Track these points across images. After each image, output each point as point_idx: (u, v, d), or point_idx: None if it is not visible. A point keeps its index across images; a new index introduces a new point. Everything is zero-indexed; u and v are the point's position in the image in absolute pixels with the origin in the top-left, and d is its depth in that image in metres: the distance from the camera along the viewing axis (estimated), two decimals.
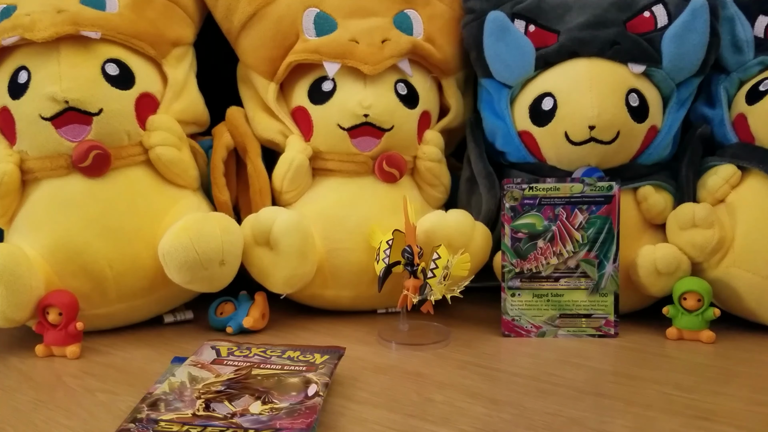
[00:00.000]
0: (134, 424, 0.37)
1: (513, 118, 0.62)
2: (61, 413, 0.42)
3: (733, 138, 0.60)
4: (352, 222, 0.60)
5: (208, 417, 0.38)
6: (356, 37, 0.61)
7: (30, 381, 0.48)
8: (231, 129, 0.64)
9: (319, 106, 0.61)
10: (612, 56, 0.58)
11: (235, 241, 0.55)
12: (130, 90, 0.56)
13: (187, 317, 0.61)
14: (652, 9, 0.59)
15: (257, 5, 0.61)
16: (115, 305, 0.56)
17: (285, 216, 0.56)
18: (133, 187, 0.56)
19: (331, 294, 0.61)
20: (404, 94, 0.61)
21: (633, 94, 0.57)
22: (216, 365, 0.46)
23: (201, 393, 0.41)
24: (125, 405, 0.42)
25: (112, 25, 0.55)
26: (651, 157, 0.60)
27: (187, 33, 0.62)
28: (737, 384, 0.47)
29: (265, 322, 0.59)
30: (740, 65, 0.61)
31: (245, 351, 0.48)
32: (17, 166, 0.54)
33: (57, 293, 0.53)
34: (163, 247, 0.53)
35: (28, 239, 0.54)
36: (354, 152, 0.60)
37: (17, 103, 0.54)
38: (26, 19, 0.53)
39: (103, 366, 0.50)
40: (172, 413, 0.38)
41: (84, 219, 0.54)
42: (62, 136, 0.53)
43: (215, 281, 0.55)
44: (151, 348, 0.54)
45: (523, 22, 0.62)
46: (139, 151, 0.56)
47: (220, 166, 0.62)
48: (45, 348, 0.52)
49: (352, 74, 0.60)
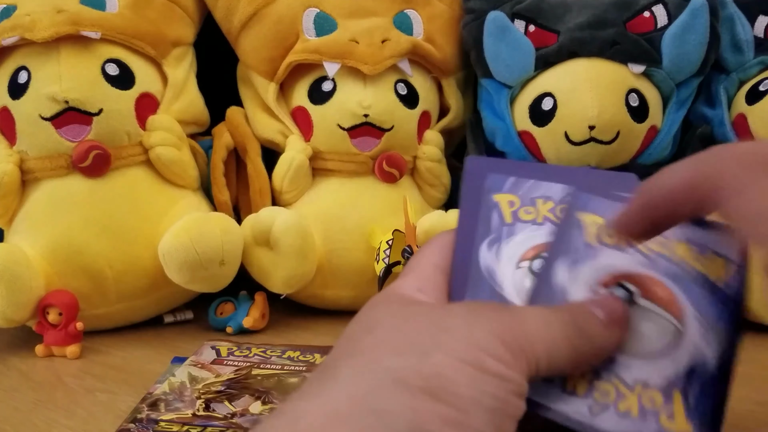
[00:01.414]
0: (134, 424, 0.37)
1: (513, 118, 0.62)
2: (61, 413, 0.42)
3: (733, 138, 0.60)
4: (352, 222, 0.60)
5: (208, 417, 0.38)
6: (356, 37, 0.61)
7: (30, 381, 0.48)
8: (231, 129, 0.64)
9: (319, 106, 0.61)
10: (612, 56, 0.58)
11: (235, 241, 0.55)
12: (130, 90, 0.56)
13: (187, 317, 0.61)
14: (652, 9, 0.59)
15: (257, 5, 0.61)
16: (115, 305, 0.56)
17: (285, 216, 0.56)
18: (133, 187, 0.56)
19: (331, 294, 0.61)
20: (404, 94, 0.62)
21: (633, 94, 0.57)
22: (216, 365, 0.46)
23: (201, 393, 0.41)
24: (125, 405, 0.42)
25: (112, 25, 0.55)
26: (651, 157, 0.60)
27: (187, 33, 0.62)
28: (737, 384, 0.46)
29: (265, 322, 0.59)
30: (740, 65, 0.61)
31: (245, 351, 0.48)
32: (17, 166, 0.54)
33: (57, 293, 0.53)
34: (163, 247, 0.53)
35: (28, 239, 0.54)
36: (354, 152, 0.60)
37: (17, 103, 0.54)
38: (26, 19, 0.53)
39: (103, 366, 0.50)
40: (172, 413, 0.38)
41: (84, 219, 0.54)
42: (62, 136, 0.53)
43: (215, 281, 0.55)
44: (151, 348, 0.54)
45: (523, 22, 0.62)
46: (139, 151, 0.56)
47: (220, 166, 0.62)
48: (45, 348, 0.52)
49: (352, 74, 0.60)
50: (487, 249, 0.28)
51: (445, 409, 0.20)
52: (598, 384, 0.25)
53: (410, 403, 0.20)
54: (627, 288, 0.26)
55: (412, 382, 0.21)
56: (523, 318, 0.24)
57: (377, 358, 0.22)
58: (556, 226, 0.28)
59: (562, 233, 0.28)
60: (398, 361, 0.21)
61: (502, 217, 0.29)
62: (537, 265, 0.27)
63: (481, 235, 0.28)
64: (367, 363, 0.22)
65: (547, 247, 0.28)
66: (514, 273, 0.27)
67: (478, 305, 0.25)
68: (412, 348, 0.22)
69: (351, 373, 0.22)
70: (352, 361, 0.22)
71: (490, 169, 0.30)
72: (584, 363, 0.25)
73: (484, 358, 0.21)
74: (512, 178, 0.29)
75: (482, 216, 0.29)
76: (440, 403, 0.20)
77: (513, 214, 0.29)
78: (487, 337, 0.22)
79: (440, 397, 0.20)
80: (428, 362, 0.21)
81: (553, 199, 0.29)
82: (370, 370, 0.21)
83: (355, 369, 0.22)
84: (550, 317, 0.24)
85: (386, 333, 0.23)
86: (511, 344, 0.22)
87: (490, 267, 0.28)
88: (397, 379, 0.21)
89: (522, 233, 0.28)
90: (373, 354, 0.22)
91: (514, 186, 0.29)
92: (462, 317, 0.23)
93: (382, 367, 0.21)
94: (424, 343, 0.22)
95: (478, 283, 0.27)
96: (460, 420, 0.20)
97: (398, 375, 0.21)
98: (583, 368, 0.25)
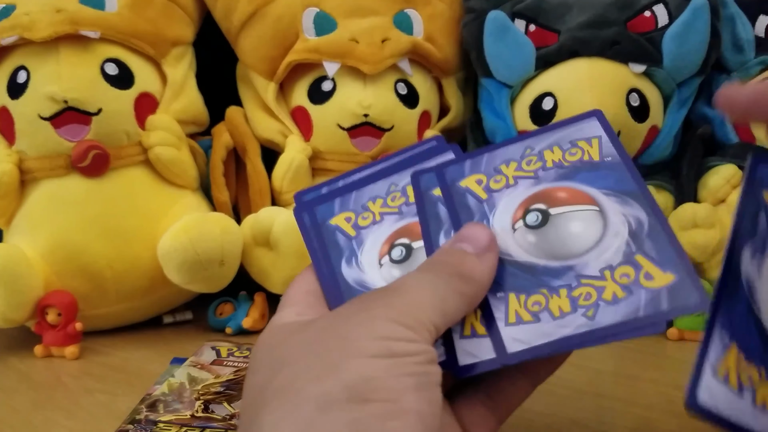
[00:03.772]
0: (133, 425, 0.37)
1: (513, 117, 0.62)
2: (60, 414, 0.42)
3: (734, 138, 0.60)
4: None
5: (206, 418, 0.38)
6: (356, 36, 0.60)
7: (29, 381, 0.48)
8: (230, 129, 0.63)
9: (318, 105, 0.61)
10: (612, 56, 0.58)
11: (235, 241, 0.55)
12: (129, 90, 0.56)
13: (187, 318, 0.61)
14: (652, 8, 0.59)
15: (257, 4, 0.61)
16: (114, 305, 0.56)
17: (285, 216, 0.56)
18: (133, 187, 0.56)
19: None
20: (404, 93, 0.61)
21: (634, 93, 0.57)
22: (216, 366, 0.46)
23: (200, 394, 0.41)
24: (124, 406, 0.42)
25: (112, 24, 0.55)
26: (652, 157, 0.60)
27: (186, 32, 0.62)
28: None
29: (265, 322, 0.59)
30: (741, 65, 0.61)
31: (245, 352, 0.48)
32: (16, 166, 0.54)
33: (56, 293, 0.53)
34: (162, 247, 0.53)
35: (27, 239, 0.54)
36: (354, 152, 0.60)
37: (16, 103, 0.53)
38: (25, 18, 0.53)
39: (102, 366, 0.50)
40: (171, 414, 0.38)
41: (83, 219, 0.54)
42: (61, 135, 0.53)
43: (215, 281, 0.55)
44: (150, 348, 0.54)
45: (523, 21, 0.62)
46: (139, 151, 0.56)
47: (220, 166, 0.62)
48: (44, 348, 0.52)
49: (352, 74, 0.60)
50: (347, 266, 0.29)
51: (378, 406, 0.21)
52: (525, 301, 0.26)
53: (346, 418, 0.20)
54: (535, 210, 0.28)
55: (339, 398, 0.21)
56: (408, 292, 0.24)
57: (297, 390, 0.22)
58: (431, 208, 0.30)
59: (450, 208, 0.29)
60: (319, 387, 0.21)
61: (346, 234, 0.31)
62: (396, 254, 0.29)
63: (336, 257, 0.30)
64: (290, 401, 0.21)
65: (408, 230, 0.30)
66: (380, 272, 0.29)
67: (363, 299, 0.25)
68: (326, 368, 0.22)
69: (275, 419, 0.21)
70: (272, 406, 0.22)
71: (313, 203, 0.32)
72: (476, 302, 0.26)
73: (391, 345, 0.22)
74: (337, 199, 0.32)
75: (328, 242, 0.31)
76: (371, 403, 0.21)
77: (354, 227, 0.31)
78: (385, 325, 0.23)
79: (369, 398, 0.21)
80: (345, 373, 0.21)
81: (380, 195, 0.31)
82: (294, 406, 0.21)
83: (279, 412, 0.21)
84: (432, 279, 0.25)
85: (296, 364, 0.23)
86: (409, 322, 0.23)
87: (357, 279, 0.29)
88: (324, 404, 0.21)
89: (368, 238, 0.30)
90: (291, 390, 0.22)
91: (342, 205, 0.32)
92: (354, 319, 0.23)
93: (306, 398, 0.21)
94: (333, 358, 0.22)
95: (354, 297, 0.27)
96: (395, 409, 0.21)
97: (324, 399, 0.21)
98: (476, 305, 0.26)
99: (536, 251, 0.27)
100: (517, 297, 0.26)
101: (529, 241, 0.27)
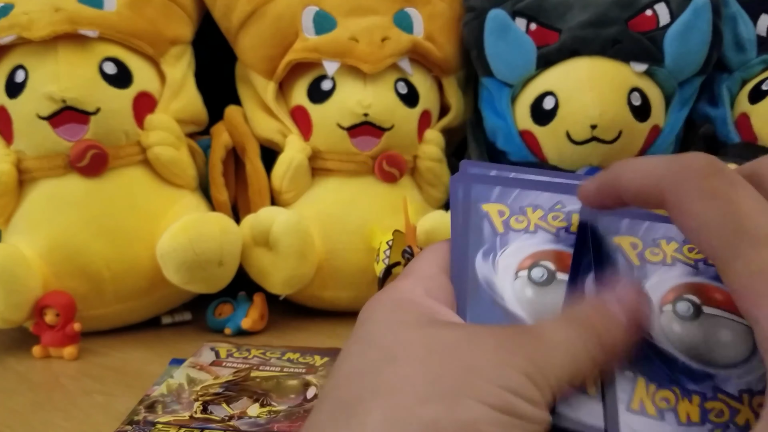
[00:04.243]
0: (131, 426, 0.37)
1: (514, 117, 0.62)
2: (58, 414, 0.42)
3: (735, 137, 0.59)
4: (351, 222, 0.59)
5: (205, 420, 0.38)
6: (356, 35, 0.60)
7: (27, 382, 0.48)
8: (230, 128, 0.63)
9: (318, 105, 0.61)
10: (614, 55, 0.57)
11: (234, 241, 0.55)
12: (127, 89, 0.55)
13: (185, 318, 0.61)
14: (654, 7, 0.59)
15: (256, 3, 0.61)
16: (112, 306, 0.56)
17: (284, 216, 0.55)
18: (131, 186, 0.56)
19: (330, 295, 0.61)
20: (404, 93, 0.61)
21: (635, 93, 0.57)
22: (215, 367, 0.45)
23: (199, 395, 0.41)
24: (123, 407, 0.41)
25: (110, 23, 0.55)
26: None
27: (185, 31, 0.62)
28: None
29: (264, 323, 0.59)
30: (743, 64, 0.61)
31: (245, 353, 0.48)
32: (14, 165, 0.53)
33: (54, 294, 0.52)
34: (161, 247, 0.53)
35: (25, 239, 0.54)
36: (354, 152, 0.60)
37: (14, 102, 0.53)
38: (23, 17, 0.53)
39: (100, 367, 0.50)
40: (170, 415, 0.38)
41: (82, 219, 0.54)
42: (60, 135, 0.53)
43: (214, 282, 0.54)
44: (148, 349, 0.54)
45: (524, 20, 0.62)
46: (137, 150, 0.56)
47: (219, 165, 0.62)
48: (42, 349, 0.52)
49: (352, 73, 0.60)
50: (482, 259, 0.28)
51: None
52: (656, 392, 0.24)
53: None
54: (688, 300, 0.26)
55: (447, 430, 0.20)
56: (545, 343, 0.23)
57: (405, 404, 0.21)
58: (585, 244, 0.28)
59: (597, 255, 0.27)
60: (429, 411, 0.21)
61: (494, 227, 0.29)
62: (537, 274, 0.27)
63: (474, 245, 0.28)
64: (396, 409, 0.21)
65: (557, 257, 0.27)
66: (513, 283, 0.27)
67: (500, 333, 0.24)
68: (442, 393, 0.21)
69: (380, 420, 0.21)
70: (377, 403, 0.21)
71: (474, 179, 0.30)
72: (598, 367, 0.24)
73: (515, 402, 0.21)
74: (498, 187, 0.29)
75: (473, 226, 0.28)
76: None
77: (504, 224, 0.29)
78: (515, 377, 0.22)
79: None
80: (459, 410, 0.21)
81: (542, 207, 0.29)
82: (400, 418, 0.21)
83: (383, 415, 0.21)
84: (571, 334, 0.23)
85: (410, 368, 0.22)
86: (538, 380, 0.22)
87: (487, 278, 0.27)
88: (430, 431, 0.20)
89: (515, 242, 0.28)
90: (400, 397, 0.21)
91: (500, 196, 0.29)
92: (488, 353, 0.22)
93: (414, 416, 0.21)
94: (452, 385, 0.21)
95: (478, 294, 0.26)
96: None
97: (431, 427, 0.20)
98: (595, 373, 0.24)
99: (679, 344, 0.25)
100: (646, 384, 0.24)
101: (674, 330, 0.25)
